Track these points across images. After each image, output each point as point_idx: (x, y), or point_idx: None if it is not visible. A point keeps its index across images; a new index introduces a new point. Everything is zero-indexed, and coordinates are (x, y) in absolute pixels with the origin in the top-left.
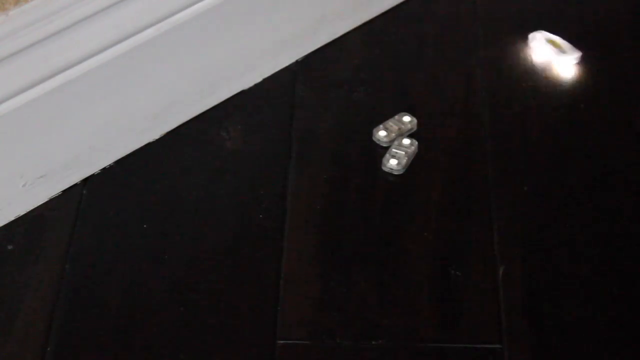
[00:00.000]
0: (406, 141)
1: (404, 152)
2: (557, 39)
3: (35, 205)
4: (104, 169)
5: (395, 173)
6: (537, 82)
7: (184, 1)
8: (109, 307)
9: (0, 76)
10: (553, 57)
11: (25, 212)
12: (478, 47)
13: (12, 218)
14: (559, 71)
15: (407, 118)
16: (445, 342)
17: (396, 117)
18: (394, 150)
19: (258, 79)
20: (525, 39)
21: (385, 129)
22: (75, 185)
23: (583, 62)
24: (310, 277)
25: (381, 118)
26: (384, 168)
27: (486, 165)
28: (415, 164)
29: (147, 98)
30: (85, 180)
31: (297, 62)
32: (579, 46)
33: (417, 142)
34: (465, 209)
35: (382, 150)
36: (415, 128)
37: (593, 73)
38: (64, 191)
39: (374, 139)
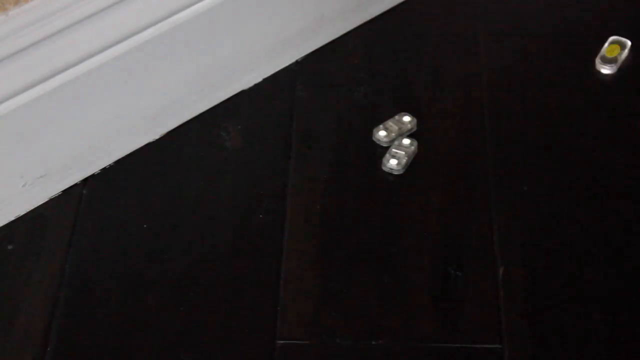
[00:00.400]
0: (406, 141)
1: (404, 152)
2: (625, 46)
3: (35, 205)
4: (104, 169)
5: (395, 173)
6: (537, 82)
7: (184, 1)
8: (109, 307)
9: (0, 76)
10: (597, 61)
11: (25, 212)
12: (478, 47)
13: (12, 218)
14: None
15: (407, 118)
16: (445, 342)
17: (396, 117)
18: (394, 150)
19: (258, 79)
20: (524, 38)
21: (385, 129)
22: (75, 185)
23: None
24: (310, 277)
25: (381, 118)
26: (384, 168)
27: (486, 165)
28: (415, 164)
29: (147, 98)
30: (85, 180)
31: (297, 62)
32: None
33: (417, 142)
34: (465, 209)
35: (382, 150)
36: (415, 128)
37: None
38: (64, 191)
39: (374, 139)
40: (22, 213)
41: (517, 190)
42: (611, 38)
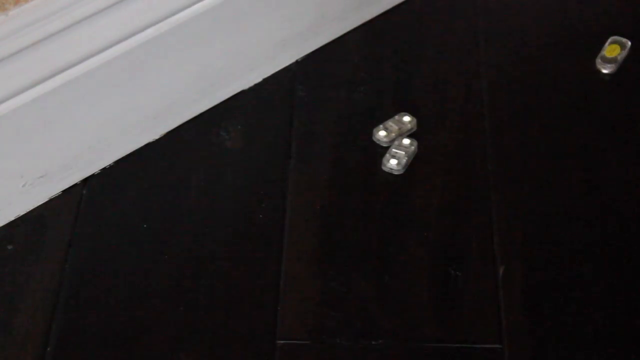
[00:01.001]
0: (406, 141)
1: (404, 152)
2: (625, 46)
3: (35, 205)
4: (104, 169)
5: (395, 173)
6: (537, 82)
7: (184, 1)
8: (109, 307)
9: (0, 76)
10: (597, 61)
11: (25, 212)
12: (478, 47)
13: (12, 218)
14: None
15: (407, 118)
16: (445, 342)
17: (396, 117)
18: (394, 150)
19: (258, 79)
20: (524, 38)
21: (385, 129)
22: (75, 185)
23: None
24: (310, 277)
25: (381, 118)
26: (384, 168)
27: (486, 166)
28: (415, 164)
29: (147, 98)
30: (85, 180)
31: (297, 62)
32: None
33: (417, 142)
34: (465, 209)
35: (382, 150)
36: (415, 128)
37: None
38: (64, 191)
39: (374, 139)
40: (22, 213)
41: (517, 190)
42: (611, 38)
